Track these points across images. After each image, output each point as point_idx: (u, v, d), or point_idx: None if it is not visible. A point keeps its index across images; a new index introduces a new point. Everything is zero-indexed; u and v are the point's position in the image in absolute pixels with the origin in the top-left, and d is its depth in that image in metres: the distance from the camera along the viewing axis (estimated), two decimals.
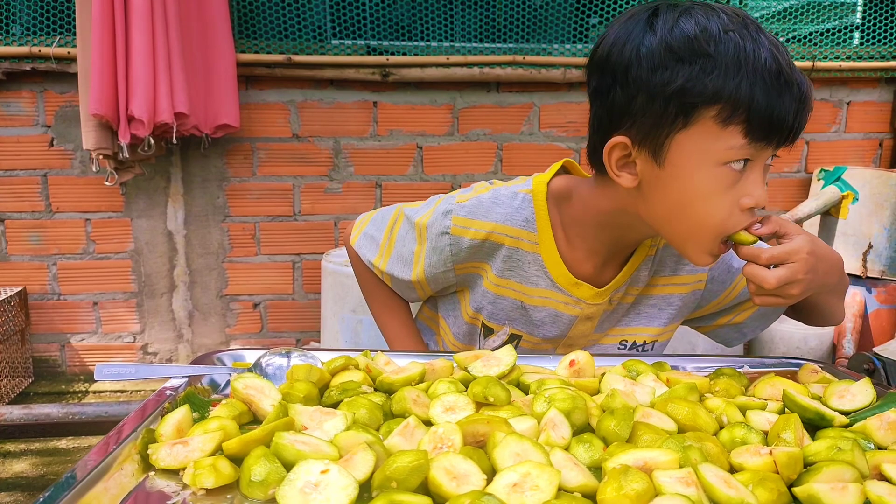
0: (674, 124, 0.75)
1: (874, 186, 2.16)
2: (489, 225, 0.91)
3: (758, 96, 0.71)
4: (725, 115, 0.72)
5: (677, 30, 0.73)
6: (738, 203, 0.76)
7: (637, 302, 0.98)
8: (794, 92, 0.73)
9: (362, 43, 2.25)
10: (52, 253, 2.28)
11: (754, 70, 0.71)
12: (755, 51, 0.71)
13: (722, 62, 0.71)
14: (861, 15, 2.42)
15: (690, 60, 0.72)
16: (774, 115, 0.72)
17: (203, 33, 2.09)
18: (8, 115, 2.19)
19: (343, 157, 2.33)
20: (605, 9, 2.30)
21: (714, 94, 0.72)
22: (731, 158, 0.74)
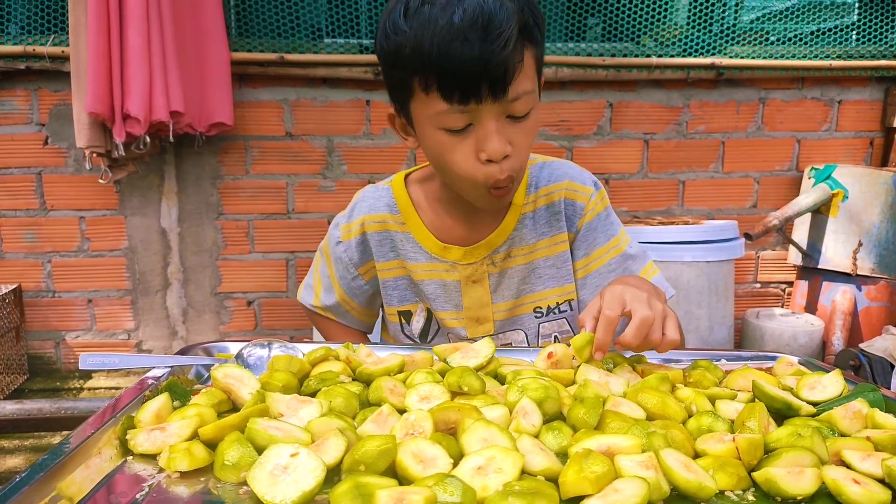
0: (404, 95, 0.85)
1: (864, 184, 2.17)
2: (361, 219, 1.04)
3: (439, 62, 0.77)
4: (424, 84, 0.80)
5: (395, 11, 0.80)
6: (476, 156, 0.84)
7: (534, 266, 1.03)
8: (475, 49, 0.76)
9: (355, 42, 2.26)
10: (46, 251, 2.29)
11: (433, 38, 0.76)
12: (440, 19, 0.76)
13: (412, 36, 0.78)
14: (854, 15, 2.44)
15: (394, 37, 0.80)
16: (458, 76, 0.77)
17: (197, 31, 2.10)
18: (2, 114, 2.20)
19: (336, 155, 2.34)
20: (598, 7, 2.32)
21: (410, 66, 0.80)
22: (445, 124, 0.82)
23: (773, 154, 2.45)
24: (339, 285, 1.10)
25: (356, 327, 1.17)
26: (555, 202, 1.02)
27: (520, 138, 0.84)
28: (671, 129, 2.41)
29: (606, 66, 2.28)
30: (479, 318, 1.03)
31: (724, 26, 2.34)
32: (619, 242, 1.05)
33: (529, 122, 0.84)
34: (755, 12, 2.45)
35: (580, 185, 1.03)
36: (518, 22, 0.78)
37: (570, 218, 1.03)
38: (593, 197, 1.03)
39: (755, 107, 2.42)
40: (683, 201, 2.47)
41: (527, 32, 0.80)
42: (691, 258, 1.97)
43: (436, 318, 1.06)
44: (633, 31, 2.33)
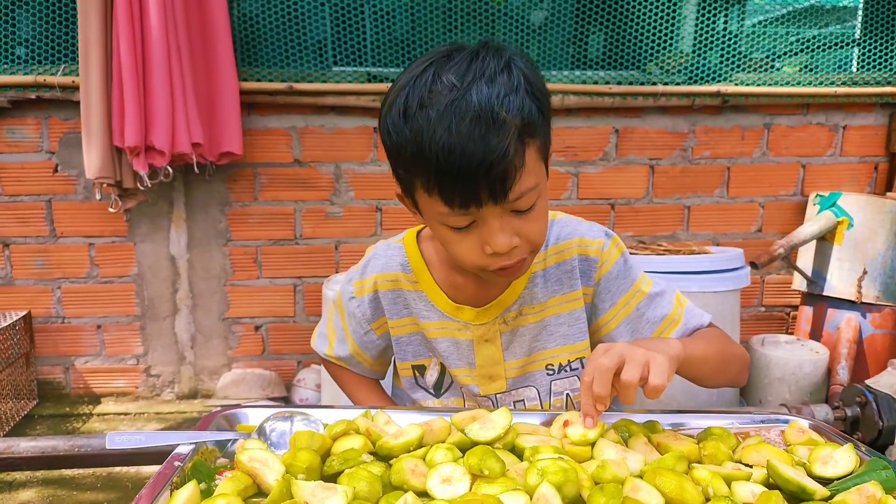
0: (408, 187, 0.85)
1: (869, 213, 2.19)
2: (374, 277, 1.04)
3: (438, 171, 0.77)
4: (425, 187, 0.80)
5: (393, 108, 0.79)
6: (482, 248, 0.83)
7: (545, 323, 1.03)
8: (474, 159, 0.75)
9: (363, 70, 2.28)
10: (56, 277, 2.31)
11: (432, 146, 0.75)
12: (438, 127, 0.75)
13: (412, 140, 0.77)
14: (858, 41, 2.45)
15: (395, 137, 0.79)
16: (459, 190, 0.77)
17: (207, 63, 2.12)
18: (13, 142, 2.22)
19: (344, 181, 2.36)
20: (602, 36, 2.33)
21: (411, 170, 0.80)
22: (448, 222, 0.82)
23: (778, 179, 2.47)
24: (353, 339, 1.11)
25: (369, 375, 1.19)
26: (566, 260, 1.03)
27: (528, 227, 0.84)
28: (677, 155, 2.43)
29: (612, 94, 2.29)
30: (491, 375, 1.04)
31: (729, 54, 2.35)
32: (641, 285, 1.05)
33: (537, 211, 0.84)
34: (757, 16, 2.46)
35: (591, 239, 1.04)
36: (519, 123, 0.77)
37: (585, 273, 1.03)
38: (606, 247, 1.03)
39: (760, 132, 2.43)
40: (689, 226, 2.48)
41: (530, 129, 0.78)
42: (698, 288, 1.98)
43: (449, 372, 1.07)
44: (638, 58, 2.34)
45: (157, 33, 1.96)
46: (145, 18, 1.97)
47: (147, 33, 1.97)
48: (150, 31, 1.97)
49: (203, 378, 2.41)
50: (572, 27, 2.34)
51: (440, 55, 0.80)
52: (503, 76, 0.77)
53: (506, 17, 2.36)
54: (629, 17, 2.33)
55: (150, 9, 1.96)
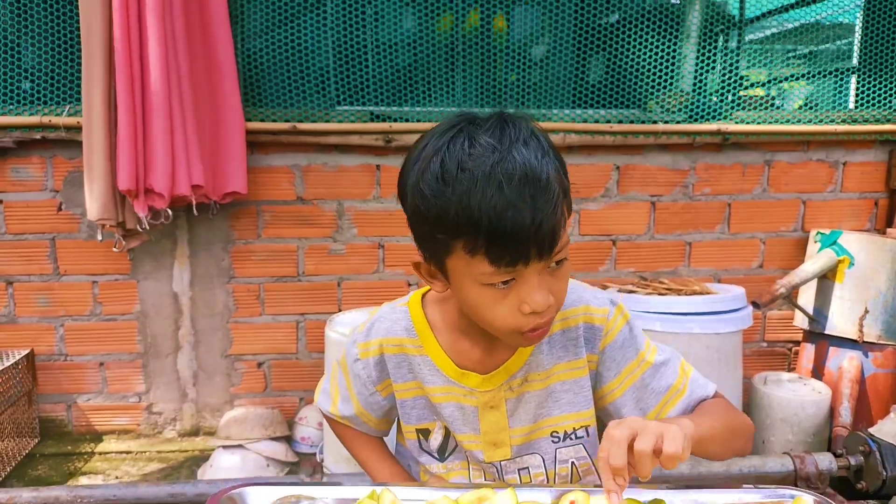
0: (441, 253, 0.84)
1: (870, 251, 2.19)
2: (379, 340, 1.04)
3: (489, 231, 0.77)
4: (469, 248, 0.79)
5: (428, 172, 0.79)
6: (519, 308, 0.84)
7: (551, 390, 1.03)
8: (526, 218, 0.76)
9: (366, 110, 2.30)
10: (59, 315, 2.32)
11: (481, 207, 0.76)
12: (486, 188, 0.76)
13: (456, 202, 0.77)
14: (855, 79, 2.47)
15: (434, 200, 0.79)
16: (510, 250, 0.78)
17: (213, 104, 2.13)
18: (18, 181, 2.23)
19: (346, 218, 2.37)
20: (602, 75, 2.35)
21: (453, 233, 0.79)
22: (488, 282, 0.82)
23: (779, 215, 2.48)
24: (357, 400, 1.11)
25: (373, 434, 1.19)
26: (571, 327, 1.03)
27: (558, 285, 0.86)
28: (678, 192, 2.44)
29: (614, 133, 2.31)
30: (496, 442, 1.05)
31: (729, 92, 2.37)
32: (646, 355, 1.05)
33: (565, 267, 0.86)
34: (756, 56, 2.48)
35: (597, 307, 1.04)
36: (558, 182, 0.79)
37: (589, 341, 1.04)
38: (611, 315, 1.03)
39: (761, 169, 2.44)
40: (690, 262, 2.49)
41: (565, 187, 0.81)
42: (700, 329, 1.99)
43: (453, 437, 1.07)
44: (639, 97, 2.36)
45: (157, 74, 1.97)
46: (145, 59, 1.98)
47: (147, 75, 1.98)
48: (150, 72, 1.97)
49: (205, 415, 2.40)
50: (573, 65, 2.36)
51: (463, 121, 0.82)
52: (534, 140, 0.80)
53: (507, 52, 2.39)
54: (629, 56, 2.35)
55: (151, 49, 1.97)
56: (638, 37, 2.34)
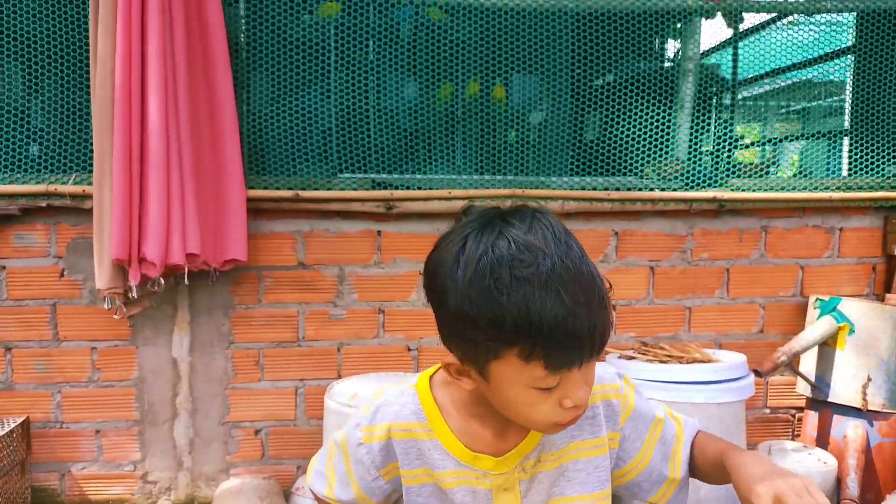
0: (486, 357, 0.83)
1: (870, 318, 2.20)
2: (386, 425, 1.02)
3: (549, 340, 0.78)
4: (525, 355, 0.80)
5: (476, 278, 0.78)
6: (560, 404, 0.85)
7: (564, 468, 1.02)
8: (585, 324, 0.78)
9: (368, 178, 2.33)
10: (57, 381, 2.30)
11: (542, 316, 0.76)
12: (546, 298, 0.76)
13: (514, 310, 0.77)
14: (848, 144, 2.53)
15: (488, 307, 0.78)
16: (568, 355, 0.80)
17: (216, 171, 2.17)
18: (21, 247, 2.25)
19: (347, 283, 2.38)
20: (601, 142, 2.40)
21: (508, 341, 0.80)
22: (539, 386, 0.83)
23: (778, 280, 2.49)
24: (358, 485, 1.09)
25: None
26: (589, 406, 1.02)
27: (592, 373, 0.88)
28: (676, 257, 2.46)
29: (612, 200, 2.34)
30: None
31: (724, 161, 2.41)
32: (656, 412, 1.07)
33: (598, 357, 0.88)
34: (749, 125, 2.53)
35: (610, 383, 1.05)
36: (602, 279, 0.81)
37: (609, 418, 1.03)
38: (623, 389, 1.05)
39: (757, 235, 2.47)
40: (690, 327, 2.49)
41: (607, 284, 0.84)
42: (703, 399, 1.98)
43: None
44: (635, 165, 2.41)
45: (156, 139, 1.99)
46: (146, 123, 2.01)
47: (146, 139, 2.01)
48: (149, 136, 2.00)
49: (200, 485, 2.36)
50: (570, 134, 2.41)
51: (495, 219, 0.82)
52: (568, 237, 0.82)
53: (506, 121, 2.44)
54: (624, 125, 2.40)
55: (151, 113, 2.00)
56: (632, 106, 2.40)
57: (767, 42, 2.71)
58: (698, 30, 2.42)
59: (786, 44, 2.62)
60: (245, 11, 2.26)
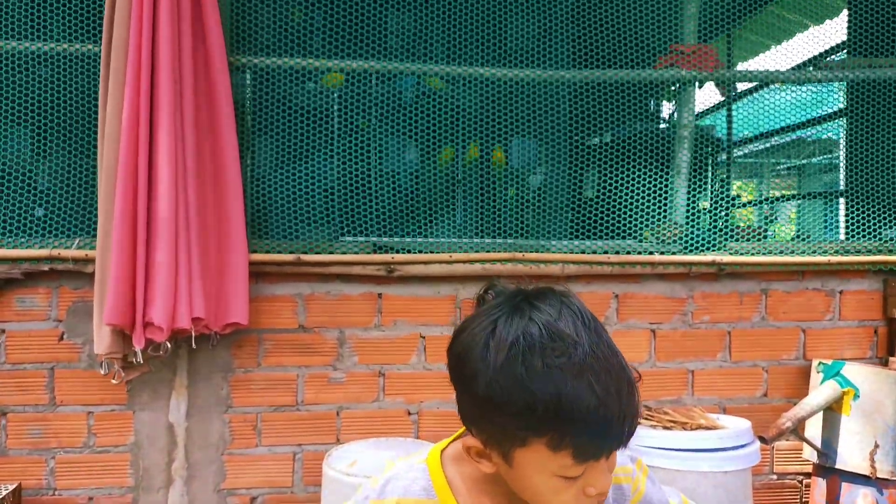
0: (512, 443, 0.82)
1: (874, 383, 2.18)
2: (395, 500, 0.99)
3: (580, 431, 0.78)
4: (554, 445, 0.79)
5: (507, 364, 0.78)
6: (583, 491, 0.83)
7: None
8: (616, 415, 0.78)
9: (369, 240, 2.35)
10: (51, 447, 2.26)
11: (573, 406, 0.76)
12: (579, 389, 0.76)
13: (544, 399, 0.77)
14: (845, 208, 2.56)
15: (516, 398, 0.78)
16: (597, 446, 0.79)
17: (220, 236, 2.18)
18: (22, 311, 2.25)
19: (347, 346, 2.37)
20: (601, 206, 2.43)
21: (537, 429, 0.79)
22: (563, 473, 0.82)
23: (780, 344, 2.48)
24: None
25: None
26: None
27: (615, 461, 0.87)
28: (677, 319, 2.46)
29: (611, 263, 2.35)
30: None
31: (722, 225, 2.44)
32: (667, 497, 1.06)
33: None
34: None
35: (621, 466, 1.03)
36: (630, 369, 0.82)
37: (618, 501, 1.02)
38: (635, 474, 1.03)
39: (758, 298, 2.47)
40: (694, 390, 2.47)
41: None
42: (709, 468, 1.94)
43: None
44: (634, 229, 2.43)
45: (165, 204, 2.02)
46: (153, 189, 2.04)
47: (154, 208, 2.03)
48: (158, 203, 2.02)
49: None
50: (569, 198, 2.45)
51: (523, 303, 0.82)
52: (596, 324, 0.83)
53: (506, 185, 2.48)
54: (623, 189, 2.43)
55: (161, 179, 2.03)
56: (630, 171, 2.43)
57: (761, 104, 2.78)
58: (692, 98, 2.48)
59: (779, 106, 2.68)
60: (251, 80, 2.33)
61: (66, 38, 2.26)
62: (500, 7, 2.47)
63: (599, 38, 2.46)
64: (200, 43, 2.16)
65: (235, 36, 2.36)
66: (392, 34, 2.57)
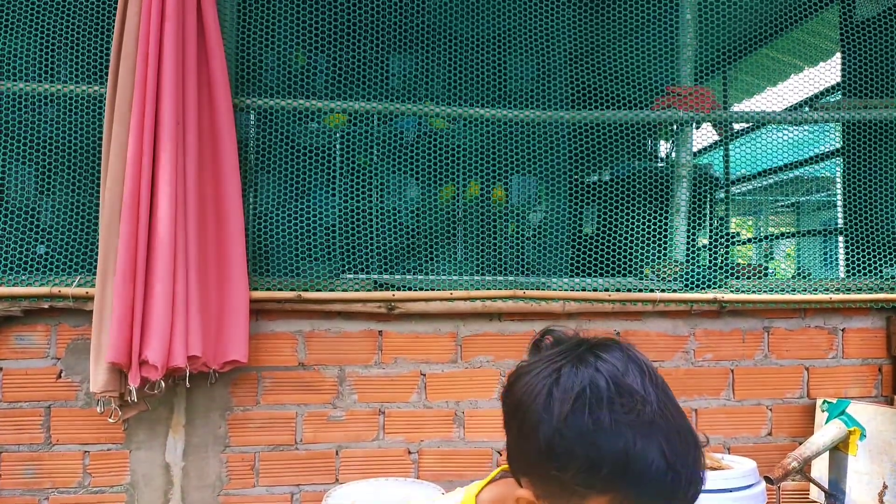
0: (569, 499, 0.79)
1: (880, 423, 2.15)
2: None
3: (644, 495, 0.75)
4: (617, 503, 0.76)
5: (573, 416, 0.75)
6: None
7: None
8: (681, 492, 0.75)
9: (369, 278, 2.35)
10: (45, 487, 2.22)
11: (641, 471, 0.74)
12: (644, 449, 0.73)
13: (609, 460, 0.74)
14: (844, 245, 2.56)
15: (580, 451, 0.74)
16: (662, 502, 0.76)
17: (220, 273, 2.19)
18: (20, 349, 2.24)
19: (347, 384, 2.35)
20: (601, 244, 2.43)
21: (601, 488, 0.76)
22: None
23: (783, 382, 2.46)
24: None
25: None
26: None
27: None
28: (679, 357, 2.44)
29: (612, 300, 2.35)
30: None
31: (723, 262, 2.44)
32: None
33: None
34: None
35: None
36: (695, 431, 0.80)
37: None
38: None
39: (760, 335, 2.46)
40: (697, 429, 2.43)
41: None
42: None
43: None
44: (635, 266, 2.43)
45: (163, 243, 2.02)
46: (153, 229, 2.05)
47: (153, 246, 2.04)
48: (157, 241, 2.03)
49: None
50: (569, 236, 2.46)
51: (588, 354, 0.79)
52: (664, 384, 0.80)
53: (507, 222, 2.49)
54: (623, 227, 2.45)
55: (160, 218, 2.04)
56: (630, 209, 2.45)
57: (757, 143, 2.81)
58: (690, 138, 2.51)
59: (775, 145, 2.71)
60: (255, 120, 2.36)
61: (72, 80, 2.31)
62: (501, 49, 2.52)
63: (598, 80, 2.50)
64: (205, 86, 2.20)
65: (240, 78, 2.41)
66: (394, 76, 2.62)
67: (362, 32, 2.44)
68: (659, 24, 2.50)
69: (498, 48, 2.51)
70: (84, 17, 2.31)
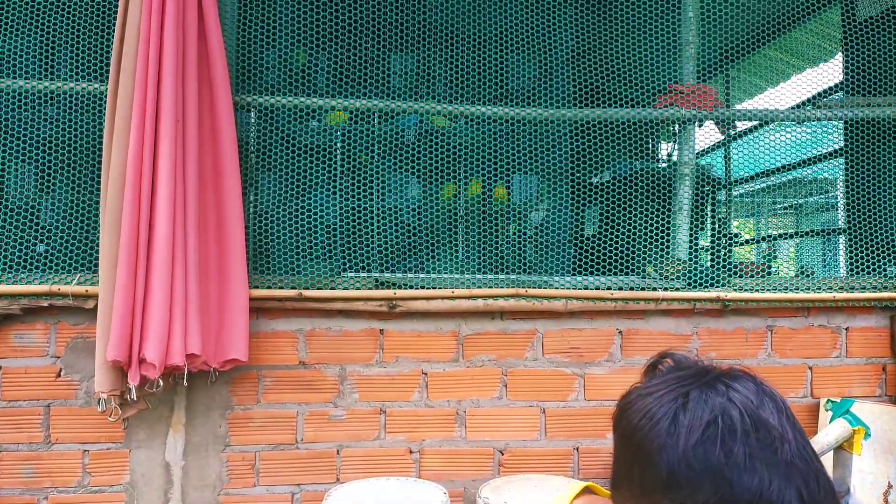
0: None
1: (885, 422, 2.14)
2: None
3: None
4: None
5: (700, 448, 0.70)
6: None
7: None
8: None
9: (371, 276, 2.34)
10: (44, 486, 2.21)
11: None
12: (781, 491, 0.68)
13: (740, 497, 0.68)
14: (846, 245, 2.55)
15: (708, 483, 0.69)
16: None
17: (220, 272, 2.18)
18: (19, 347, 2.22)
19: (348, 383, 2.33)
20: (603, 242, 2.42)
21: None
22: None
23: (787, 381, 2.44)
24: None
25: None
26: None
27: None
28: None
29: (615, 299, 2.34)
30: None
31: (725, 260, 2.43)
32: None
33: None
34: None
35: None
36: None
37: None
38: None
39: (763, 334, 2.45)
40: None
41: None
42: None
43: None
44: (637, 265, 2.42)
45: (162, 241, 2.01)
46: (153, 226, 2.04)
47: (153, 244, 2.03)
48: (156, 240, 2.02)
49: None
50: (571, 234, 2.44)
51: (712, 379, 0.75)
52: (797, 420, 0.75)
53: (508, 221, 2.48)
54: (625, 225, 2.43)
55: (159, 215, 2.03)
56: (632, 207, 2.44)
57: (758, 144, 2.80)
58: (692, 136, 2.50)
59: (777, 145, 2.70)
60: (256, 118, 2.35)
61: (73, 78, 2.30)
62: (502, 47, 2.52)
63: (600, 78, 2.49)
64: (206, 83, 2.19)
65: (241, 75, 2.40)
66: (395, 74, 2.61)
67: (363, 30, 2.44)
68: (661, 21, 2.49)
69: (499, 46, 2.51)
70: (85, 14, 2.30)
